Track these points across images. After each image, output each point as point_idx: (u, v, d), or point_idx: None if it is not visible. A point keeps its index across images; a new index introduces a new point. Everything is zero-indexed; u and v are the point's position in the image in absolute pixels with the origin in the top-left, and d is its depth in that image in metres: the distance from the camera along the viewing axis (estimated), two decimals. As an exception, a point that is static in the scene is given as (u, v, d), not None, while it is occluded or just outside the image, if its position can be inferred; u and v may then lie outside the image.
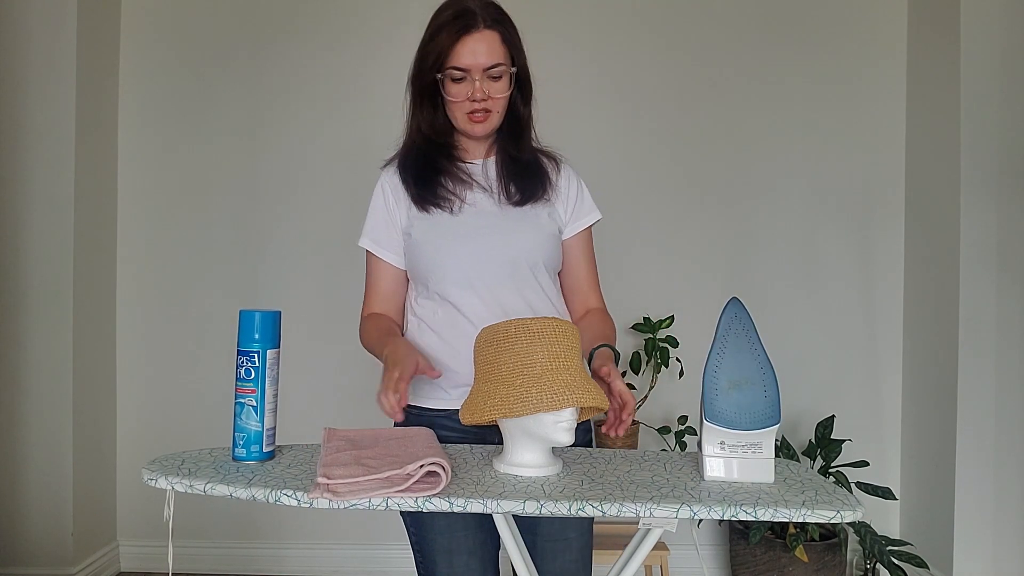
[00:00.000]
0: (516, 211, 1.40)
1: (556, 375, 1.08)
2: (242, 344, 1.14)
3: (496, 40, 1.33)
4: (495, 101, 1.35)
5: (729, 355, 1.11)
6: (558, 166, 1.47)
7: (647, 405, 2.67)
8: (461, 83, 1.33)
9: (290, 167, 2.80)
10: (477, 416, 1.11)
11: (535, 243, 1.39)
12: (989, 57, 2.39)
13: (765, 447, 1.08)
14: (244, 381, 1.14)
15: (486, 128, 1.38)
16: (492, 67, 1.32)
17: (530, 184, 1.41)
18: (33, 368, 2.55)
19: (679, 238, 2.79)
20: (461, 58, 1.31)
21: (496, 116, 1.38)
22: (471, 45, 1.31)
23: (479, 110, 1.35)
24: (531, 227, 1.39)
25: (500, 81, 1.34)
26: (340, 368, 2.76)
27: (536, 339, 1.10)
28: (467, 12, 1.32)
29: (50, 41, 2.53)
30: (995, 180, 2.39)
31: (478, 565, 1.37)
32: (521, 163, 1.42)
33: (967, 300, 2.39)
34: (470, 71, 1.32)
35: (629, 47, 2.77)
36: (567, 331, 1.12)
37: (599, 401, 1.09)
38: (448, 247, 1.37)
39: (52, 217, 2.54)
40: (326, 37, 2.78)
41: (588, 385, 1.10)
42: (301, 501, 0.99)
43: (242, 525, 2.82)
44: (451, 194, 1.39)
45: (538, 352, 1.09)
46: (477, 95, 1.33)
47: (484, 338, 1.15)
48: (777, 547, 2.36)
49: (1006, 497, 2.40)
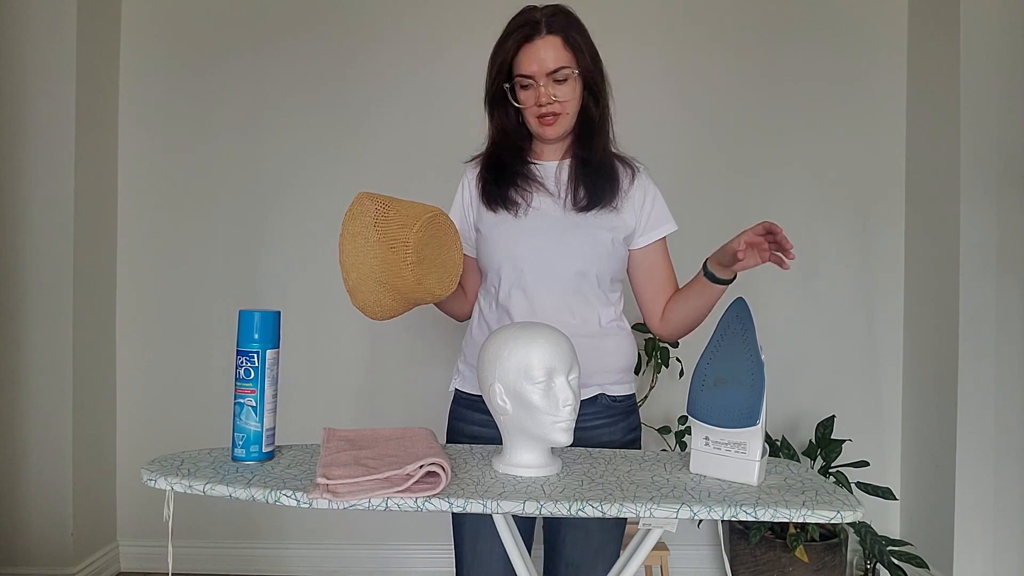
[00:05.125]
0: (577, 217, 1.41)
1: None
2: (242, 344, 1.14)
3: (558, 44, 1.37)
4: (563, 104, 1.38)
5: (723, 353, 1.12)
6: (634, 175, 1.47)
7: (647, 405, 2.67)
8: (528, 90, 1.38)
9: (290, 167, 2.80)
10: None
11: (587, 251, 1.40)
12: (989, 57, 2.39)
13: (750, 448, 1.08)
14: (244, 381, 1.14)
15: (557, 131, 1.41)
16: (555, 71, 1.36)
17: (599, 189, 1.41)
18: (33, 368, 2.55)
19: (679, 237, 2.77)
20: (525, 65, 1.37)
21: (566, 119, 1.40)
22: (533, 52, 1.36)
23: (547, 114, 1.38)
24: (587, 235, 1.40)
25: (565, 84, 1.38)
26: (340, 368, 2.76)
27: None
28: (530, 21, 1.37)
29: (50, 41, 2.53)
30: (995, 180, 2.39)
31: (501, 550, 1.39)
32: (592, 166, 1.43)
33: (967, 300, 2.39)
34: (535, 77, 1.36)
35: (629, 46, 2.77)
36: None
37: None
38: (504, 248, 1.42)
39: (52, 217, 2.54)
40: (326, 37, 2.78)
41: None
42: (301, 501, 0.99)
43: (242, 525, 2.82)
44: (519, 196, 1.42)
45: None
46: (543, 99, 1.37)
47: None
48: (777, 547, 2.36)
49: (1006, 497, 2.40)
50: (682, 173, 2.78)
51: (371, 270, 1.23)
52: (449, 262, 1.31)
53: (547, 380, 1.08)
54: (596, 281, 1.42)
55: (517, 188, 1.43)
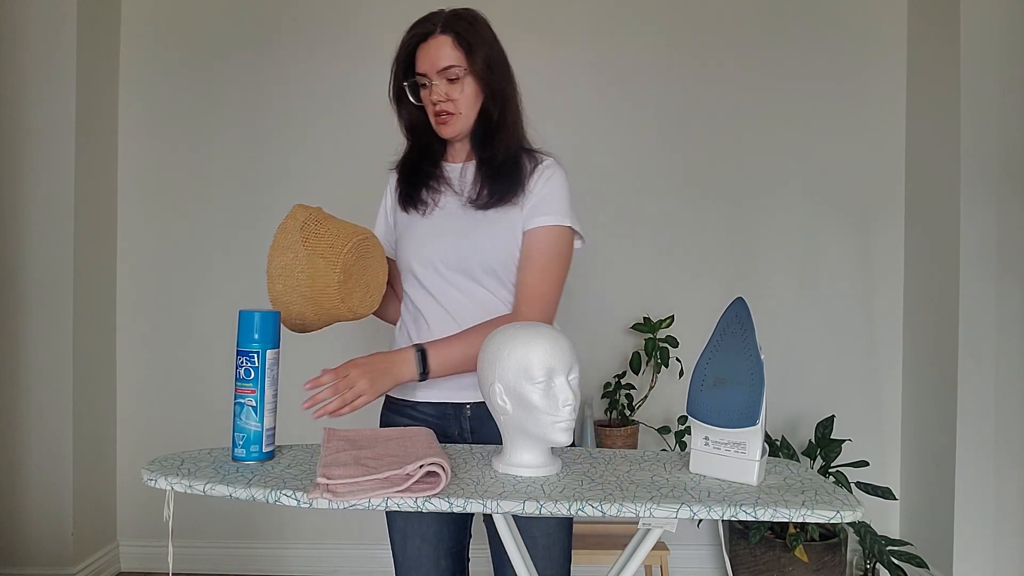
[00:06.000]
0: (478, 215, 1.40)
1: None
2: (241, 344, 1.14)
3: (449, 44, 1.37)
4: (455, 103, 1.39)
5: (722, 353, 1.12)
6: (536, 167, 1.43)
7: (647, 405, 2.68)
8: (427, 89, 1.40)
9: (290, 167, 2.80)
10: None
11: (490, 247, 1.39)
12: (989, 57, 2.39)
13: (749, 448, 1.08)
14: (244, 381, 1.14)
15: (453, 130, 1.41)
16: (445, 69, 1.37)
17: (500, 187, 1.40)
18: (33, 368, 2.55)
19: (679, 238, 2.79)
20: (419, 64, 1.39)
21: (461, 119, 1.41)
22: (426, 51, 1.38)
23: (441, 112, 1.39)
24: (490, 233, 1.40)
25: (457, 83, 1.38)
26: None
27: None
28: (425, 21, 1.40)
29: (50, 41, 2.53)
30: (995, 180, 2.39)
31: (430, 551, 1.43)
32: (494, 165, 1.42)
33: (967, 300, 2.39)
34: (427, 75, 1.38)
35: (630, 46, 2.77)
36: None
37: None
38: (413, 247, 1.44)
39: (52, 217, 2.54)
40: (326, 38, 2.78)
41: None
42: (301, 501, 0.99)
43: (242, 525, 2.82)
44: (429, 197, 1.45)
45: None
46: (435, 97, 1.38)
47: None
48: (777, 547, 2.36)
49: (1006, 497, 2.40)
50: (682, 173, 2.78)
51: (297, 284, 1.27)
52: (374, 282, 1.37)
53: (547, 380, 1.08)
54: (503, 278, 1.41)
55: (428, 189, 1.45)
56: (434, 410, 1.43)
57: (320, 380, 1.23)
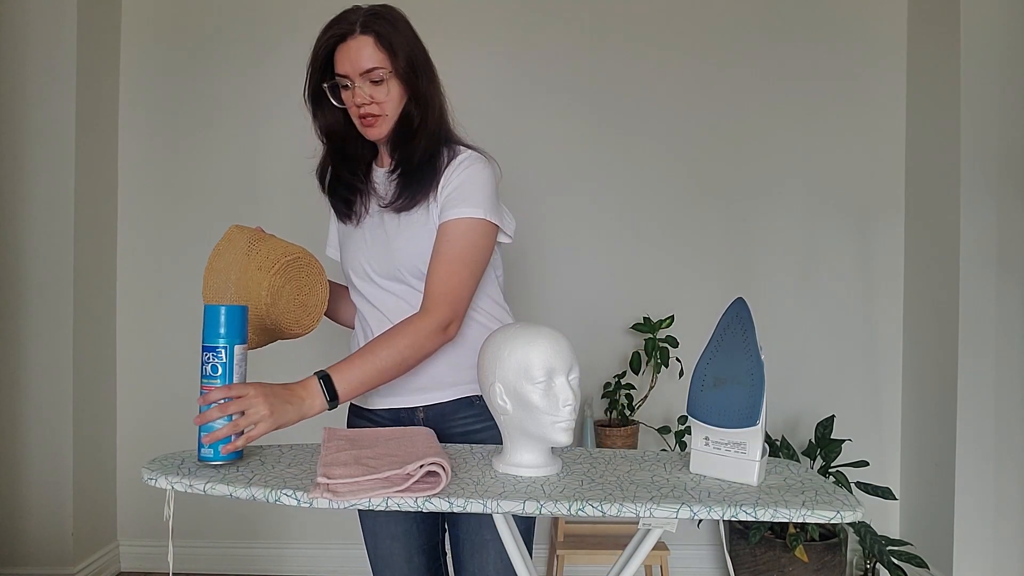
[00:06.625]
0: (398, 218, 1.37)
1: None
2: (207, 340, 1.11)
3: (371, 44, 1.31)
4: (381, 105, 1.34)
5: (722, 353, 1.11)
6: (450, 162, 1.37)
7: (647, 405, 2.68)
8: (348, 90, 1.35)
9: (290, 167, 2.80)
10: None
11: (413, 251, 1.36)
12: (989, 57, 2.39)
13: (750, 448, 1.08)
14: (210, 378, 1.10)
15: (380, 132, 1.36)
16: (369, 71, 1.32)
17: (412, 189, 1.36)
18: (33, 368, 2.55)
19: (679, 238, 2.79)
20: (340, 65, 1.34)
21: (387, 120, 1.36)
22: (346, 51, 1.33)
23: (366, 115, 1.34)
24: (408, 235, 1.36)
25: (381, 85, 1.33)
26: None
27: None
28: (345, 20, 1.34)
29: (50, 41, 2.53)
30: (995, 180, 2.39)
31: (401, 551, 1.45)
32: (413, 164, 1.37)
33: (967, 300, 2.39)
34: (350, 77, 1.33)
35: (629, 46, 2.77)
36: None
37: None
38: (348, 258, 1.44)
39: (52, 217, 2.54)
40: (326, 37, 2.78)
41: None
42: (301, 501, 0.99)
43: (242, 525, 2.82)
44: (359, 205, 1.42)
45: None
46: (359, 99, 1.33)
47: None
48: (777, 547, 2.36)
49: (1006, 497, 2.40)
50: (682, 173, 2.78)
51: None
52: (310, 302, 1.38)
53: (547, 380, 1.09)
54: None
55: (357, 197, 1.42)
56: (389, 415, 1.42)
57: (209, 397, 1.10)
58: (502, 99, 2.75)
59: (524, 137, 2.74)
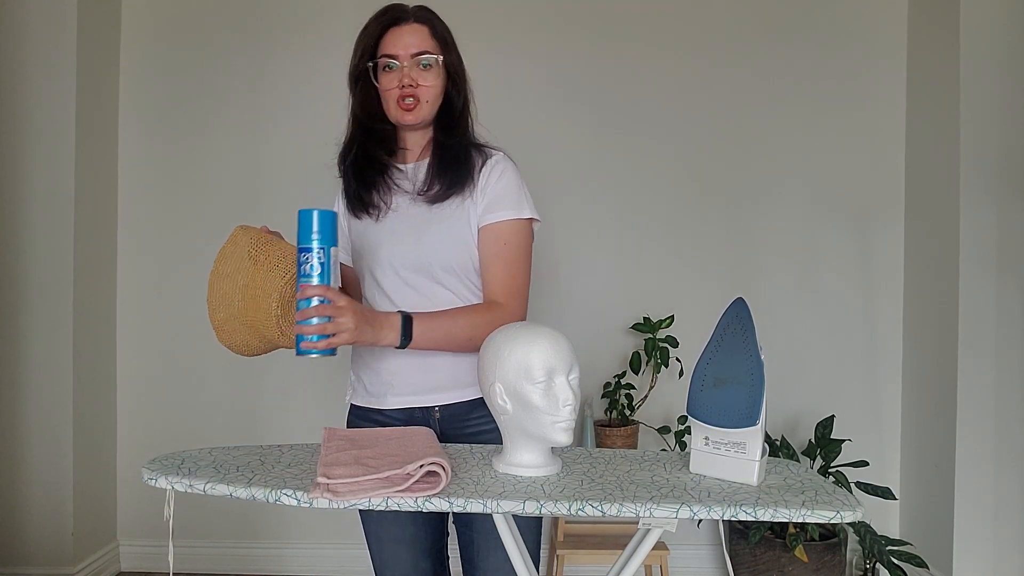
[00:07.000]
0: (430, 212, 1.39)
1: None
2: (303, 242, 1.16)
3: (425, 32, 1.38)
4: (424, 89, 1.37)
5: (722, 353, 1.12)
6: (485, 161, 1.42)
7: (647, 405, 2.68)
8: (391, 72, 1.38)
9: (290, 167, 2.80)
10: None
11: (443, 245, 1.37)
12: (989, 57, 2.39)
13: (750, 448, 1.08)
14: (308, 277, 1.16)
15: (417, 116, 1.39)
16: (420, 54, 1.36)
17: (450, 179, 1.38)
18: (33, 368, 2.55)
19: (679, 238, 2.79)
20: (390, 45, 1.37)
21: (427, 107, 1.39)
22: (399, 33, 1.37)
23: (408, 96, 1.36)
24: (442, 229, 1.38)
25: (430, 71, 1.38)
26: (340, 367, 2.76)
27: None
28: (395, 7, 1.40)
29: (50, 41, 2.53)
30: (995, 180, 2.39)
31: (407, 555, 1.43)
32: (453, 154, 1.40)
33: (967, 300, 2.39)
34: (399, 58, 1.36)
35: (630, 47, 2.77)
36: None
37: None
38: (369, 254, 1.43)
39: (52, 217, 2.54)
40: (326, 37, 2.78)
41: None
42: (301, 501, 0.99)
43: (242, 525, 2.82)
44: (380, 199, 1.42)
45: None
46: (405, 80, 1.36)
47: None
48: (777, 547, 2.36)
49: (1006, 497, 2.40)
50: (682, 173, 2.78)
51: (237, 311, 1.24)
52: None
53: (547, 380, 1.09)
54: (461, 274, 1.39)
55: (379, 190, 1.42)
56: (402, 415, 1.41)
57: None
58: (501, 99, 2.75)
59: (524, 137, 2.74)
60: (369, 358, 1.43)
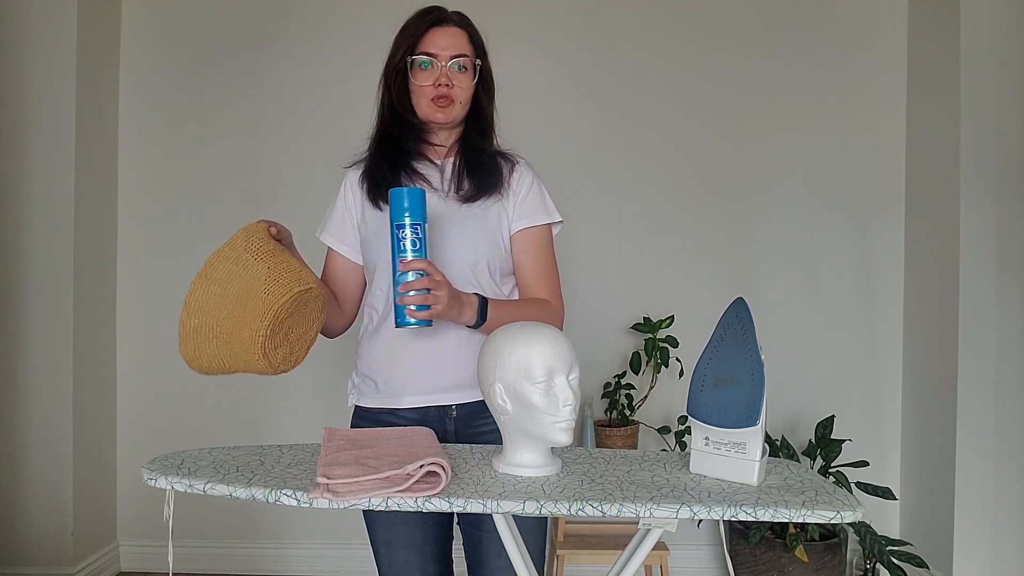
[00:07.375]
0: (463, 209, 1.41)
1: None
2: (397, 219, 1.23)
3: (464, 36, 1.43)
4: (459, 91, 1.41)
5: (722, 353, 1.11)
6: (513, 166, 1.49)
7: (647, 405, 2.68)
8: (427, 70, 1.41)
9: (290, 167, 2.80)
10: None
11: (479, 241, 1.40)
12: (989, 57, 2.39)
13: (750, 448, 1.08)
14: (404, 252, 1.23)
15: (448, 115, 1.42)
16: (458, 56, 1.40)
17: (484, 179, 1.43)
18: (33, 368, 2.55)
19: (679, 238, 2.79)
20: (430, 43, 1.41)
21: (459, 107, 1.43)
22: (441, 33, 1.41)
23: (443, 95, 1.40)
24: (477, 225, 1.41)
25: (465, 73, 1.42)
26: (340, 367, 2.76)
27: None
28: (438, 9, 1.44)
29: (50, 41, 2.53)
30: (995, 180, 2.39)
31: (416, 559, 1.42)
32: (484, 157, 1.46)
33: (967, 300, 2.39)
34: (437, 57, 1.40)
35: (630, 47, 2.77)
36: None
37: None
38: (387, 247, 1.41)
39: (52, 217, 2.54)
40: (326, 37, 2.78)
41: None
42: (301, 501, 0.99)
43: (242, 525, 2.82)
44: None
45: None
46: (442, 79, 1.39)
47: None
48: (777, 547, 2.36)
49: (1006, 497, 2.40)
50: (682, 173, 2.78)
51: (216, 323, 1.14)
52: (304, 338, 1.24)
53: (547, 380, 1.09)
54: (489, 272, 1.41)
55: (412, 180, 1.43)
56: (416, 415, 1.41)
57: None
58: (501, 99, 2.74)
59: (523, 137, 2.73)
60: (382, 358, 1.43)
